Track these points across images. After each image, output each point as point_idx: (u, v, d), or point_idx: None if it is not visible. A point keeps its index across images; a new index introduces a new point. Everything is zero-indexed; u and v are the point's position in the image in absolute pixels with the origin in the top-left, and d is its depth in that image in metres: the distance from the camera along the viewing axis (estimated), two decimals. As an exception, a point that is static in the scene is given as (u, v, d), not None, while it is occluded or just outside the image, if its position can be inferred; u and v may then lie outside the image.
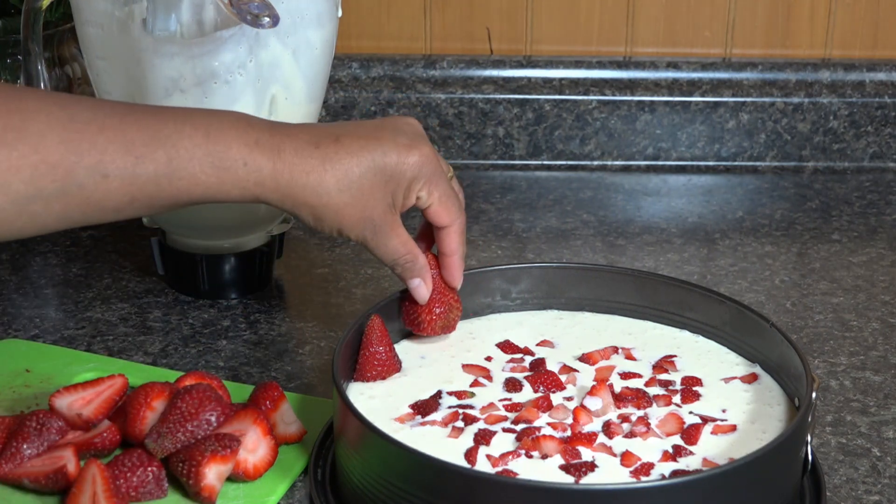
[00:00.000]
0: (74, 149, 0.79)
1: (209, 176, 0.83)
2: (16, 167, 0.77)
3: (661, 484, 0.75)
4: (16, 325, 1.07)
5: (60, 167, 0.78)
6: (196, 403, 0.84)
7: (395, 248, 0.89)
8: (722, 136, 1.41)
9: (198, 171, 0.82)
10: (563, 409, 0.85)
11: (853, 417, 0.95)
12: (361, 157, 0.86)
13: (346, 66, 1.39)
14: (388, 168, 0.86)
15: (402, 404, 0.86)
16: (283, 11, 0.98)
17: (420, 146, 0.87)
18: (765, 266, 1.20)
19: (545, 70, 1.39)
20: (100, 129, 0.80)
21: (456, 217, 0.90)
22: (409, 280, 0.91)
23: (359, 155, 0.86)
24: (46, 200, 0.79)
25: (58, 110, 0.79)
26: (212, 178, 0.83)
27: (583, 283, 0.98)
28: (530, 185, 1.39)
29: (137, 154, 0.81)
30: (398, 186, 0.87)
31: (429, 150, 0.88)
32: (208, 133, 0.83)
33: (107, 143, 0.80)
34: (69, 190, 0.79)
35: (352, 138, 0.86)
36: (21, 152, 0.77)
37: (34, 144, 0.77)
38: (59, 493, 0.83)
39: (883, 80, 1.40)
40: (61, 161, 0.78)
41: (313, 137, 0.86)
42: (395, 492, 0.77)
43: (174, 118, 0.83)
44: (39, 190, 0.78)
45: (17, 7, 1.24)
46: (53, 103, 0.79)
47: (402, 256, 0.89)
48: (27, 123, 0.77)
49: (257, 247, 1.12)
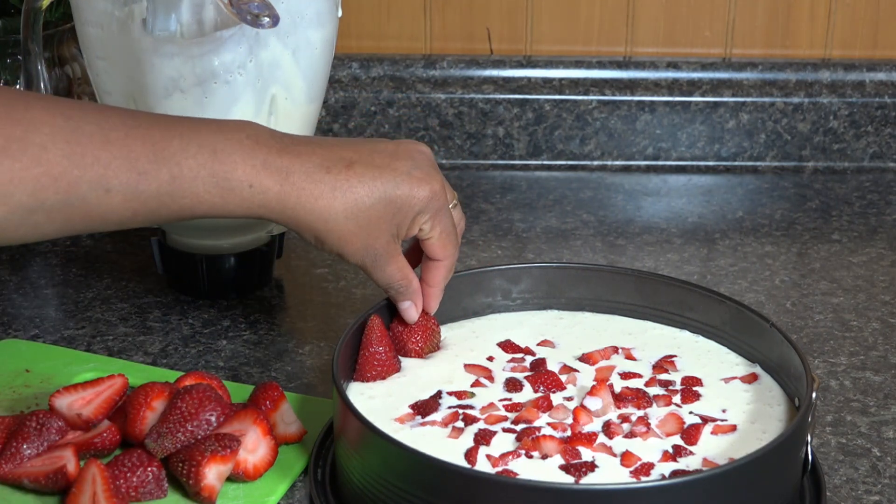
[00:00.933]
0: (78, 162, 0.78)
1: (213, 195, 0.82)
2: (18, 179, 0.76)
3: (661, 484, 0.75)
4: (16, 325, 1.07)
5: (63, 180, 0.78)
6: (196, 403, 0.84)
7: (392, 274, 0.89)
8: (722, 136, 1.41)
9: (201, 190, 0.82)
10: (563, 409, 0.85)
11: (853, 417, 0.95)
12: (373, 186, 0.85)
13: (346, 66, 1.39)
14: (398, 200, 0.86)
15: (402, 404, 0.86)
16: (283, 11, 0.98)
17: (431, 180, 0.87)
18: (765, 266, 1.20)
19: (545, 70, 1.39)
20: (104, 142, 0.79)
21: (450, 254, 0.91)
22: (399, 303, 0.91)
23: (371, 184, 0.85)
24: (48, 212, 0.78)
25: (62, 121, 0.78)
26: (215, 198, 0.82)
27: (583, 283, 0.98)
28: (530, 185, 1.39)
29: (141, 170, 0.80)
30: (405, 218, 0.87)
31: (439, 185, 0.87)
32: (214, 152, 0.82)
33: (110, 158, 0.79)
34: (71, 202, 0.78)
35: (364, 166, 0.85)
36: (24, 164, 0.76)
37: (37, 156, 0.77)
38: (59, 493, 0.83)
39: (883, 80, 1.40)
40: (64, 174, 0.78)
41: (324, 161, 0.85)
42: (395, 492, 0.77)
43: (180, 134, 0.81)
44: (42, 202, 0.77)
45: (17, 7, 1.24)
46: (59, 114, 0.78)
47: (398, 282, 0.89)
48: (31, 135, 0.76)
49: (257, 247, 1.12)
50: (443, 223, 0.89)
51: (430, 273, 0.91)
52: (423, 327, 0.92)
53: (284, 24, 0.99)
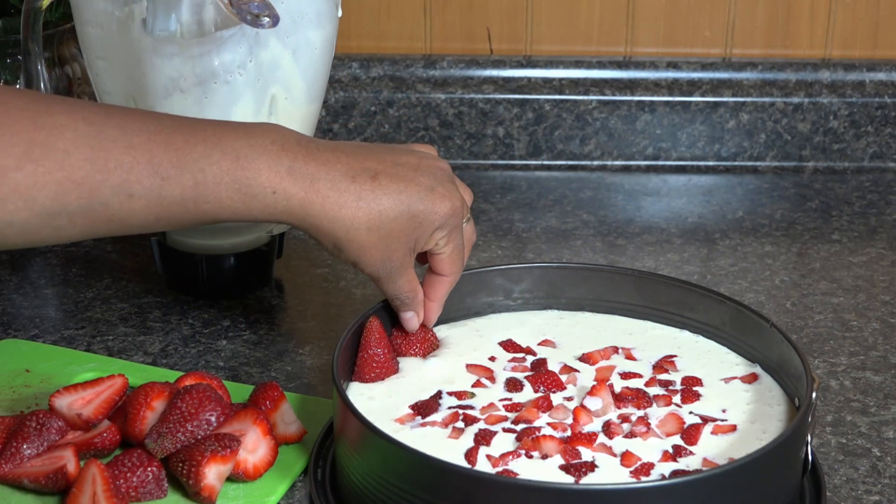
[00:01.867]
0: (100, 167, 0.78)
1: (235, 201, 0.82)
2: (41, 183, 0.76)
3: (661, 484, 0.75)
4: (16, 325, 1.07)
5: (85, 185, 0.77)
6: (196, 403, 0.84)
7: (402, 286, 0.89)
8: (722, 136, 1.41)
9: (224, 196, 0.81)
10: (564, 409, 0.85)
11: (853, 417, 0.95)
12: (398, 200, 0.85)
13: (346, 66, 1.39)
14: (420, 215, 0.86)
15: (402, 405, 0.86)
16: (283, 11, 0.98)
17: (452, 197, 0.87)
18: (765, 266, 1.20)
19: (545, 70, 1.39)
20: (126, 147, 0.79)
21: (457, 270, 0.91)
22: (402, 312, 0.91)
23: (396, 198, 0.85)
24: (71, 216, 0.78)
25: (85, 126, 0.78)
26: (238, 204, 0.82)
27: (583, 283, 0.98)
28: (530, 185, 1.39)
29: (164, 176, 0.80)
30: (424, 233, 0.87)
31: (459, 202, 0.88)
32: (237, 159, 0.81)
33: (133, 164, 0.79)
34: (94, 207, 0.78)
35: (389, 178, 0.85)
36: (46, 168, 0.76)
37: (60, 161, 0.76)
38: (58, 493, 0.83)
39: (883, 80, 1.40)
40: (86, 179, 0.77)
41: (350, 169, 0.85)
42: (395, 492, 0.77)
43: (204, 139, 0.81)
44: (64, 206, 0.77)
45: (17, 7, 1.24)
46: (81, 118, 0.78)
47: (406, 293, 0.90)
48: (54, 139, 0.76)
49: (257, 247, 1.12)
50: (456, 240, 0.89)
51: (434, 288, 0.91)
52: (421, 339, 0.92)
53: (284, 24, 0.99)
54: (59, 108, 0.78)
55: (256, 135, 0.83)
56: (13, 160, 0.75)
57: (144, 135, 0.80)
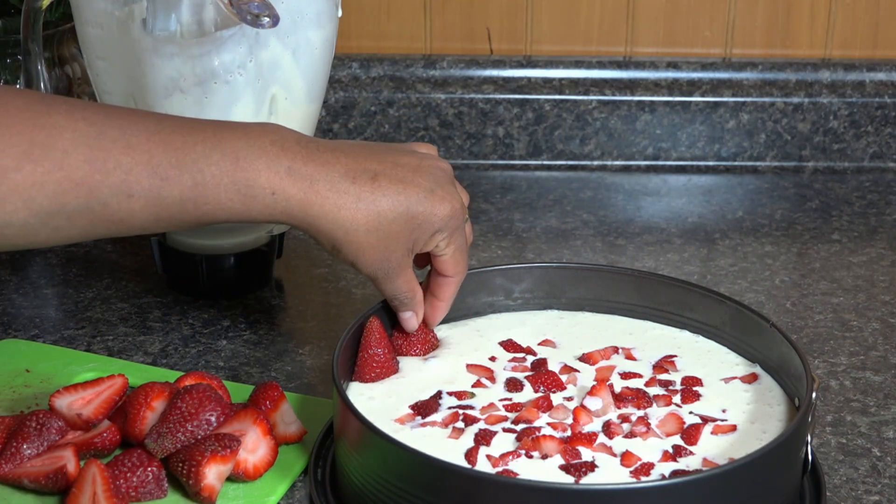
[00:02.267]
0: (100, 167, 0.78)
1: (234, 202, 0.82)
2: (40, 183, 0.76)
3: (661, 484, 0.75)
4: (16, 325, 1.07)
5: (84, 185, 0.78)
6: (196, 403, 0.84)
7: (400, 286, 0.89)
8: (722, 136, 1.41)
9: (223, 197, 0.82)
10: (564, 409, 0.85)
11: (853, 417, 0.95)
12: (397, 201, 0.85)
13: (346, 66, 1.39)
14: (419, 217, 0.86)
15: (402, 405, 0.86)
16: (283, 11, 0.98)
17: (452, 199, 0.87)
18: (765, 266, 1.20)
19: (545, 70, 1.39)
20: (126, 147, 0.79)
21: (461, 270, 0.91)
22: (401, 312, 0.91)
23: (394, 199, 0.85)
24: (70, 216, 0.78)
25: (85, 126, 0.78)
26: (237, 204, 0.82)
27: (583, 283, 0.98)
28: (530, 185, 1.39)
29: (163, 176, 0.80)
30: (422, 234, 0.87)
31: (459, 204, 0.88)
32: (237, 160, 0.82)
33: (132, 164, 0.79)
34: (93, 207, 0.78)
35: (389, 180, 0.85)
36: (46, 168, 0.76)
37: (59, 161, 0.77)
38: (59, 494, 0.83)
39: (883, 80, 1.40)
40: (85, 179, 0.78)
41: (349, 170, 0.85)
42: (395, 492, 0.77)
43: (203, 140, 0.81)
44: (63, 206, 0.77)
45: (17, 7, 1.24)
46: (81, 119, 0.78)
47: (404, 293, 0.90)
48: (53, 139, 0.76)
49: (257, 247, 1.12)
50: (457, 241, 0.89)
51: (441, 289, 0.92)
52: (422, 339, 0.92)
53: (284, 24, 0.99)
54: (58, 108, 0.78)
55: (256, 135, 0.83)
56: (13, 160, 0.75)
57: (144, 135, 0.80)
